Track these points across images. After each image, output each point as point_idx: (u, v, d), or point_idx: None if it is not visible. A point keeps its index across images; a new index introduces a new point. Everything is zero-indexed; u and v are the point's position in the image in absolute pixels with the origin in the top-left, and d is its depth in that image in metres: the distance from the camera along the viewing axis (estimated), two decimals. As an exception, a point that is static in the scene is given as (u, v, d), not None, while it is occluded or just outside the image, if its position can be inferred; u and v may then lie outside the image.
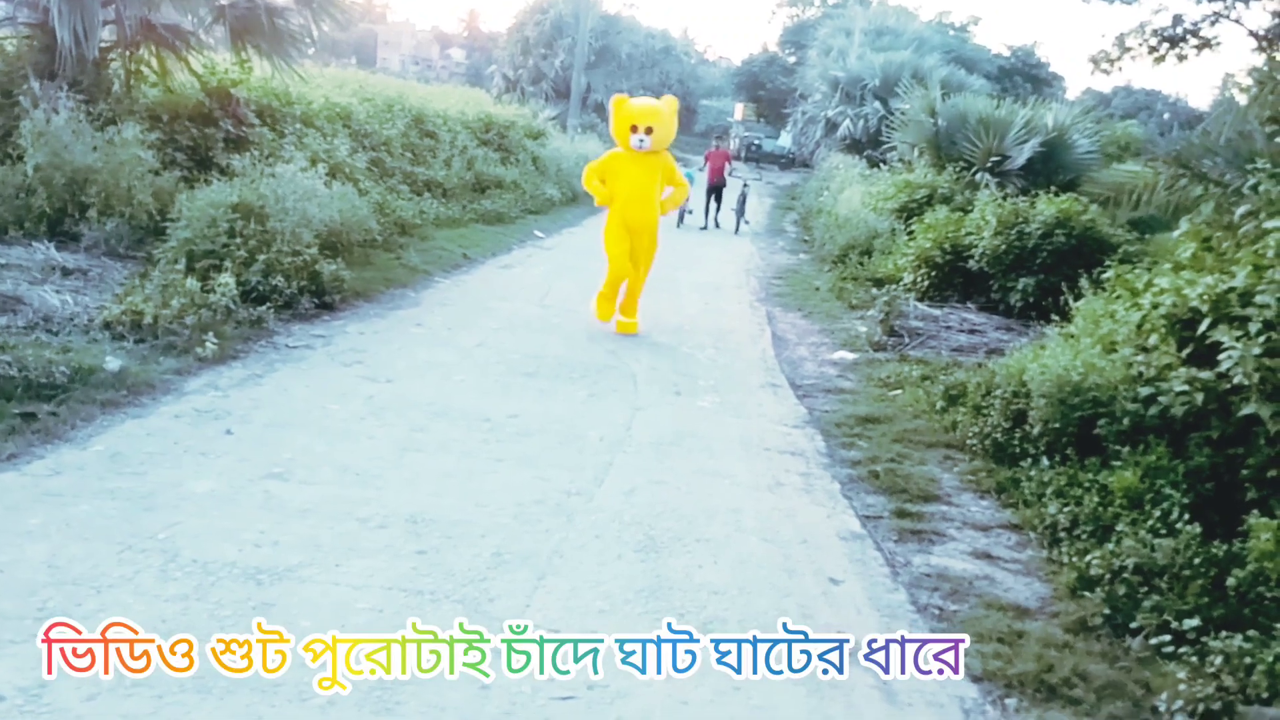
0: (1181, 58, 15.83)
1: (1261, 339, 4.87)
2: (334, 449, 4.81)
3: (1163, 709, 3.12)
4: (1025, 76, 48.66)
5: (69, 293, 6.80)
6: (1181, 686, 3.15)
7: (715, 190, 18.92)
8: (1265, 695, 3.08)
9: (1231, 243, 5.81)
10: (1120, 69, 16.65)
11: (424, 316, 8.15)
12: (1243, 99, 8.67)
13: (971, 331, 9.77)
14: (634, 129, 8.39)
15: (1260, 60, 15.22)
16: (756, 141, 45.82)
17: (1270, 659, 3.19)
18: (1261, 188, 5.68)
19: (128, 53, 11.67)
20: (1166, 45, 15.98)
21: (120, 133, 9.25)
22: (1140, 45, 16.11)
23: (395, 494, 4.35)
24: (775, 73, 56.45)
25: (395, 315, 8.04)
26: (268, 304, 7.16)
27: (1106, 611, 3.75)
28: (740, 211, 19.30)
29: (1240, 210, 5.78)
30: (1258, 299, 5.03)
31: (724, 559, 4.11)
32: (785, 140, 45.85)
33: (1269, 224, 5.35)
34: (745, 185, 20.07)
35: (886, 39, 37.41)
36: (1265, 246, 5.34)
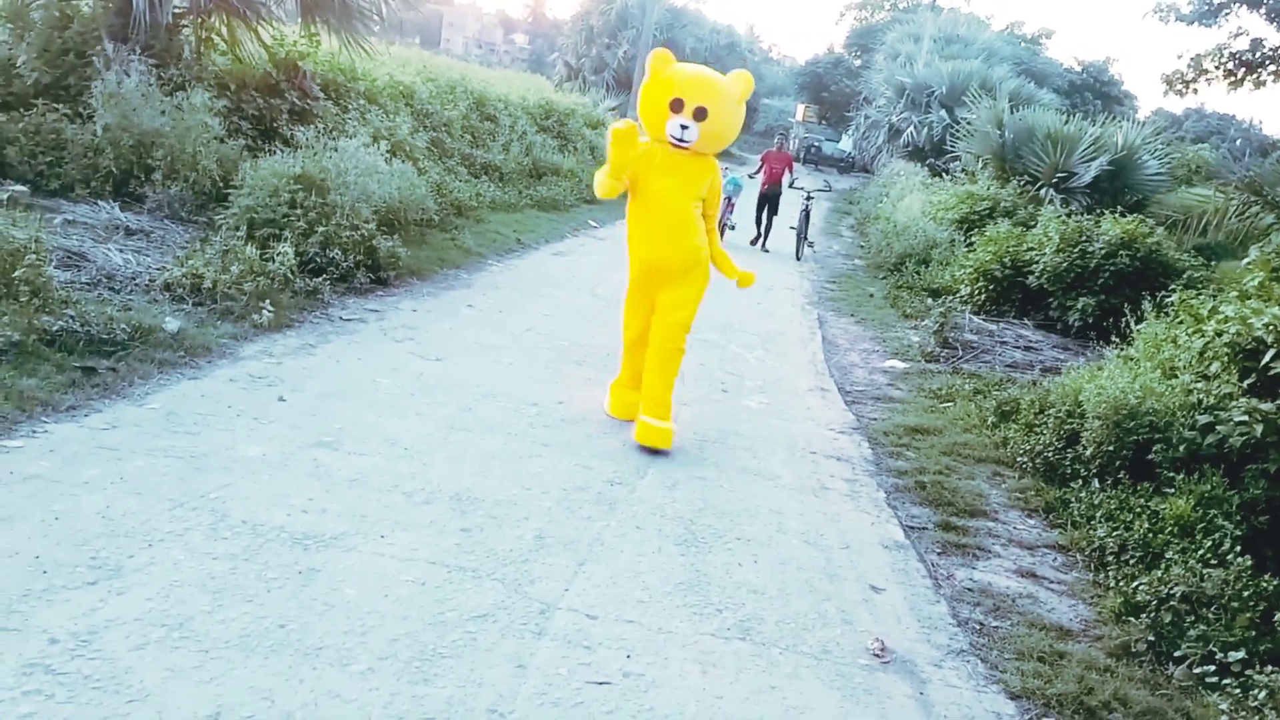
0: (1260, 83, 15.53)
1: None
2: (383, 422, 4.85)
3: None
4: (1096, 93, 47.92)
5: (131, 252, 6.90)
6: (1224, 719, 3.08)
7: (770, 200, 15.60)
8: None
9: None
10: (1195, 91, 16.34)
11: (476, 298, 8.19)
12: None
13: (1027, 348, 9.64)
14: (676, 106, 5.10)
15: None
16: (816, 143, 45.56)
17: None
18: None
19: (200, 20, 11.85)
20: (1244, 70, 15.69)
21: (189, 98, 9.37)
22: (1217, 68, 15.83)
23: (441, 471, 4.38)
24: (840, 75, 56.06)
25: (448, 295, 8.08)
26: (324, 276, 7.23)
27: (1151, 638, 3.68)
28: (802, 232, 15.52)
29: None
30: (1327, 332, 4.92)
31: (764, 559, 4.09)
32: (846, 144, 45.53)
33: (1345, 256, 5.23)
34: (809, 198, 15.75)
35: (955, 47, 37.00)
36: (1339, 279, 5.23)
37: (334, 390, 5.19)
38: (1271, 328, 5.28)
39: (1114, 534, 4.61)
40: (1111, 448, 5.36)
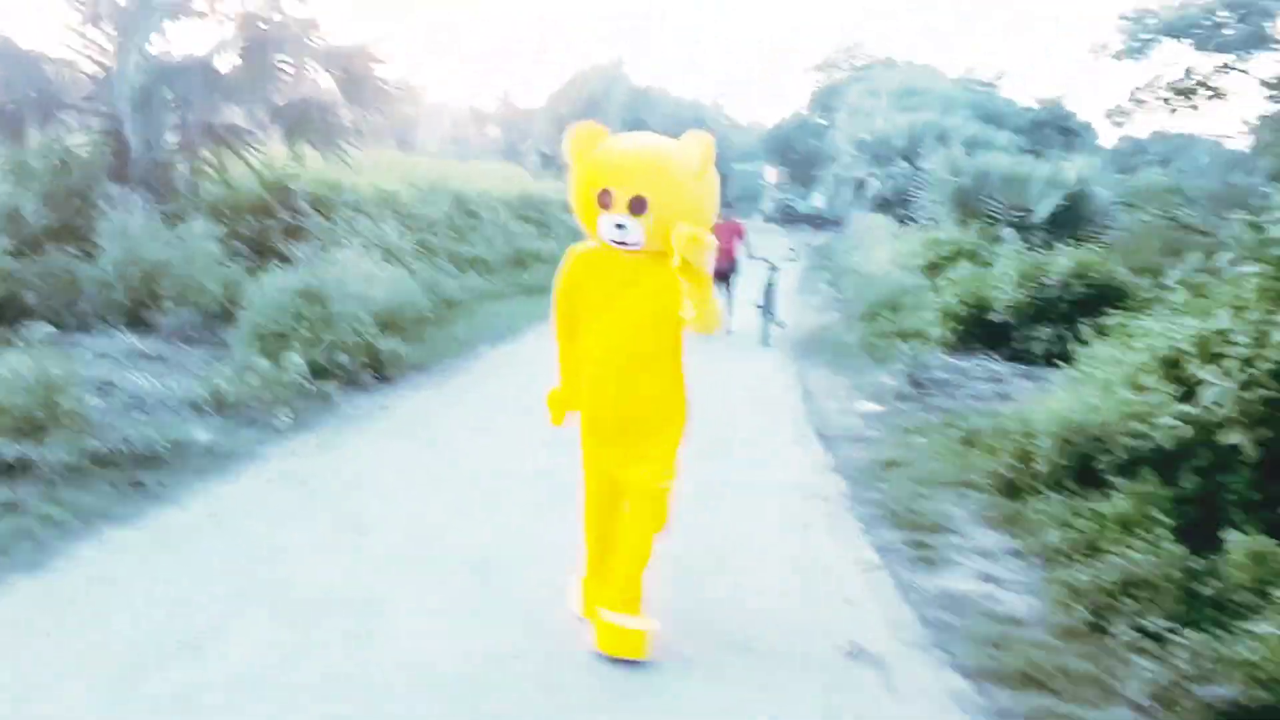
0: (1194, 107, 16.38)
1: (1241, 374, 5.35)
2: (404, 506, 5.41)
3: (1128, 693, 3.59)
4: (1055, 128, 49.10)
5: (154, 376, 7.49)
6: (1147, 675, 3.62)
7: (723, 279, 12.60)
8: (1218, 680, 3.54)
9: (1215, 287, 6.30)
10: (1132, 122, 17.20)
11: (475, 385, 8.78)
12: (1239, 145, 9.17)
13: (995, 380, 10.21)
14: (604, 201, 3.70)
15: (1270, 109, 15.74)
16: (790, 202, 46.66)
17: (1226, 651, 3.65)
18: (1240, 236, 6.19)
19: (191, 153, 12.63)
20: (1179, 97, 16.55)
21: (190, 228, 10.07)
22: (1153, 99, 16.70)
23: (464, 541, 4.92)
24: (806, 135, 57.37)
25: (449, 385, 8.68)
26: (332, 379, 7.82)
27: (1090, 618, 4.22)
28: (768, 310, 13.35)
29: (1223, 257, 6.28)
30: (1236, 338, 5.51)
31: (754, 585, 4.63)
32: (818, 201, 46.64)
33: (1245, 268, 5.84)
34: (772, 270, 13.52)
35: (913, 99, 38.12)
36: (1244, 290, 5.83)
37: (356, 481, 5.76)
38: (1191, 339, 5.88)
39: (1063, 536, 5.15)
40: (1061, 461, 5.92)
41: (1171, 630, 3.95)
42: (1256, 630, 3.77)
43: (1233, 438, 5.25)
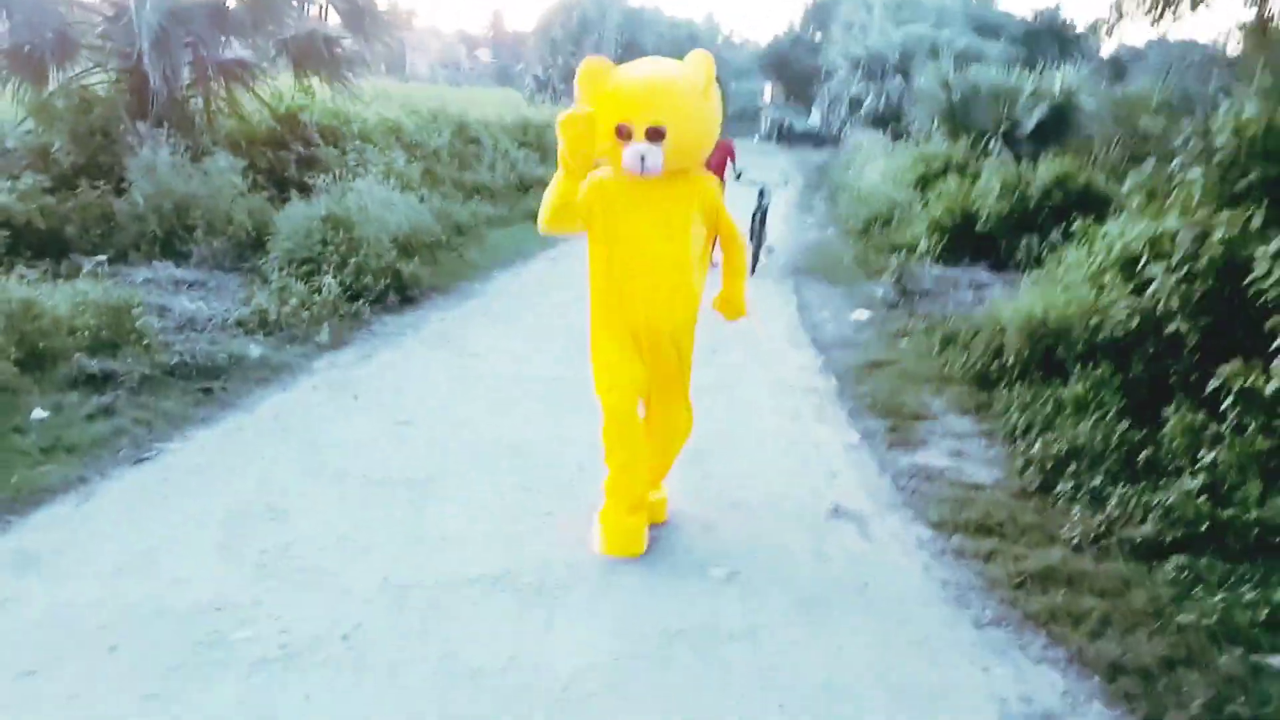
0: (1178, 16, 16.69)
1: (1183, 270, 5.99)
2: (444, 406, 6.10)
3: (1063, 535, 4.31)
4: (1052, 38, 48.95)
5: (199, 300, 8.13)
6: (1077, 524, 4.33)
7: None
8: (1142, 522, 4.25)
9: (1166, 192, 6.90)
10: (1118, 32, 17.54)
11: (491, 305, 9.43)
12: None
13: (978, 288, 10.84)
14: (623, 133, 3.95)
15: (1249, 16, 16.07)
16: (788, 121, 46.73)
17: (1148, 499, 4.36)
18: (1190, 144, 6.77)
19: (204, 88, 13.08)
20: (1162, 4, 16.84)
21: (215, 163, 10.62)
22: (1136, 8, 17.00)
23: (498, 431, 5.62)
24: (801, 52, 57.21)
25: (467, 304, 9.33)
26: (361, 300, 8.47)
27: (1039, 481, 4.93)
28: (758, 235, 12.32)
29: (1173, 164, 6.87)
30: (1179, 238, 6.14)
31: (753, 461, 5.34)
32: (815, 119, 46.71)
33: (1190, 174, 6.45)
34: (763, 194, 12.64)
35: (907, 12, 38.13)
36: (1190, 194, 6.44)
37: (396, 387, 6.44)
38: (1143, 240, 6.50)
39: (1025, 417, 5.84)
40: (1027, 354, 6.59)
41: (1108, 487, 4.66)
42: (1177, 484, 4.48)
43: (1177, 326, 5.92)
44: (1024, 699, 3.16)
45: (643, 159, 3.92)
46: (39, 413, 5.19)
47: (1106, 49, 46.51)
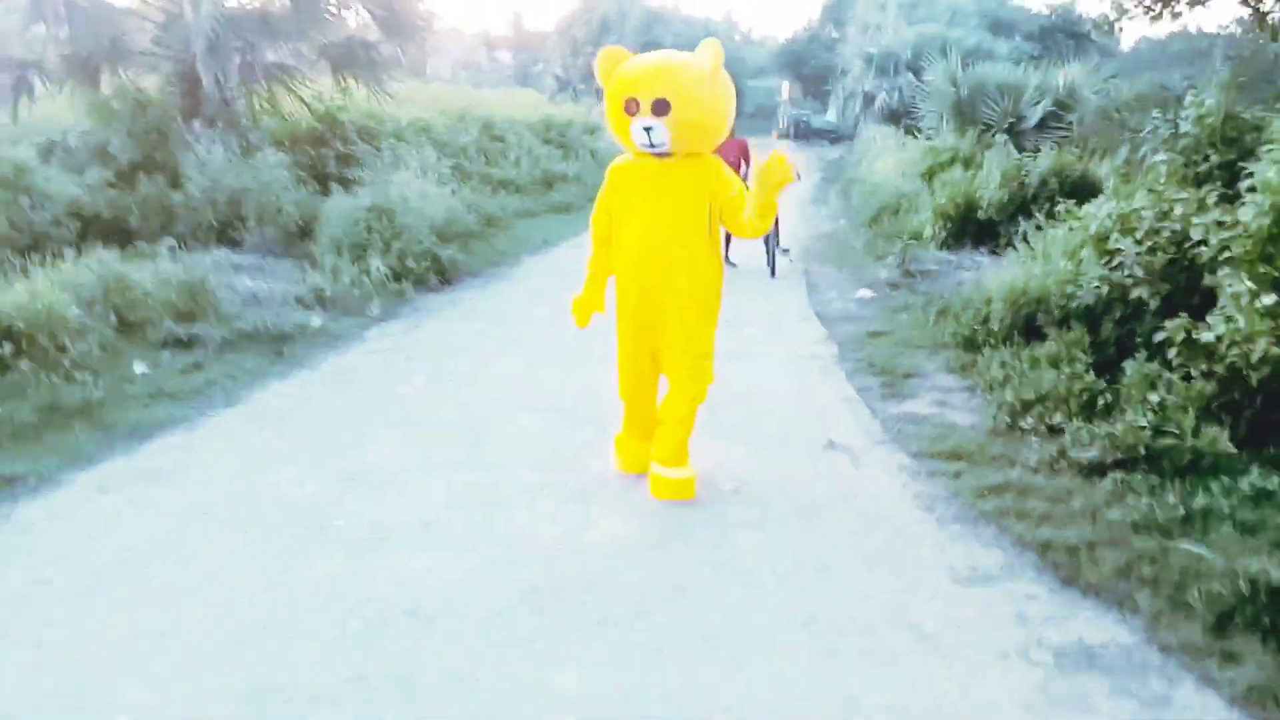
0: (1176, 15, 17.30)
1: (1147, 244, 6.70)
2: (487, 365, 6.90)
3: (1021, 460, 5.04)
4: (1068, 34, 49.38)
5: (259, 280, 8.95)
6: (1036, 452, 5.06)
7: None
8: (1089, 447, 4.98)
9: (1137, 175, 7.61)
10: (1120, 29, 18.18)
11: (522, 285, 10.22)
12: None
13: (976, 269, 11.51)
14: (631, 108, 4.30)
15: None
16: (805, 118, 47.34)
17: (1097, 430, 5.08)
18: (1159, 132, 7.48)
19: (249, 90, 13.93)
20: (1160, 4, 17.46)
21: (265, 159, 11.45)
22: (1136, 6, 17.62)
23: (536, 385, 6.40)
24: (818, 50, 57.77)
25: (501, 284, 10.13)
26: (405, 280, 9.27)
27: (1008, 420, 5.66)
28: (773, 239, 11.72)
29: (1143, 149, 7.58)
30: (1145, 214, 6.85)
31: (764, 412, 6.09)
32: (832, 116, 47.29)
33: (1156, 158, 7.16)
34: None
35: (921, 10, 38.75)
36: (1156, 176, 7.15)
37: (442, 352, 7.23)
38: (1113, 217, 7.21)
39: (1003, 371, 6.56)
40: (1009, 320, 7.30)
41: (1065, 424, 5.38)
42: (1124, 418, 5.21)
43: (1140, 292, 6.62)
44: (971, 568, 3.90)
45: (648, 131, 4.24)
46: (140, 367, 6.01)
47: (1127, 43, 46.88)
